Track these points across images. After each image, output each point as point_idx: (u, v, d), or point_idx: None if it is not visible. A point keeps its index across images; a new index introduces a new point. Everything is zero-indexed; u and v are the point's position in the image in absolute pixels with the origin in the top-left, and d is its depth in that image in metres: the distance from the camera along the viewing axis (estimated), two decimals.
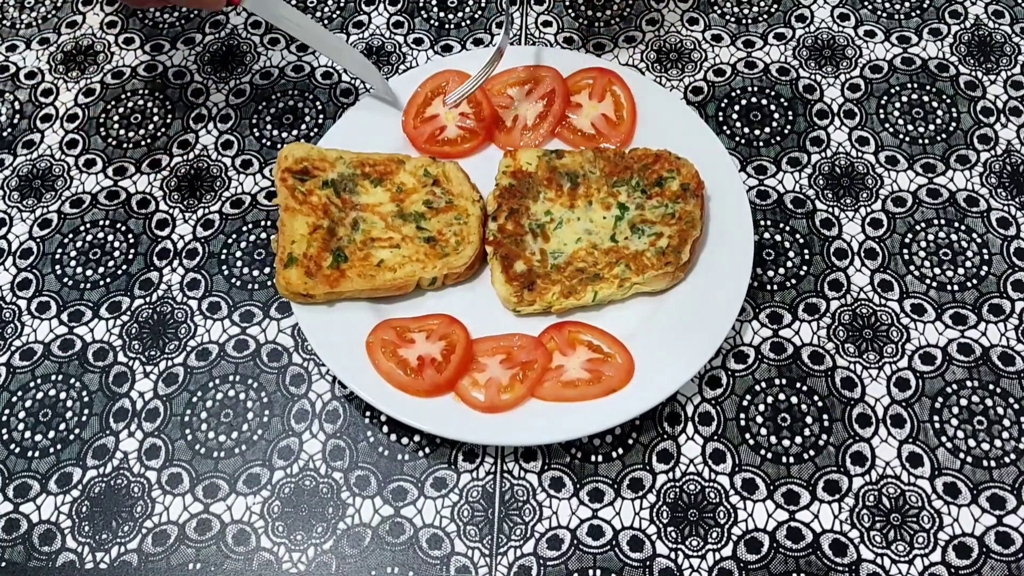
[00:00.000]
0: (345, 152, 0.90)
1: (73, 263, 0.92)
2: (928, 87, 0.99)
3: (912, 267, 0.89)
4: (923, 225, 0.91)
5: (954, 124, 0.97)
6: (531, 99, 0.96)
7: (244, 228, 0.93)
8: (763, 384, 0.83)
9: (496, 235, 0.86)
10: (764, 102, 0.99)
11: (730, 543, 0.77)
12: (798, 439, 0.81)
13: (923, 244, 0.90)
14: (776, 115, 0.98)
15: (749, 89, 1.00)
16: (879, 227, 0.91)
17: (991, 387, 0.82)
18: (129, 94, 1.03)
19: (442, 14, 1.07)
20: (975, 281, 0.88)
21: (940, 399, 0.82)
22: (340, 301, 0.84)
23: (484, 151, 0.93)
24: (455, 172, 0.90)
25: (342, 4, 1.08)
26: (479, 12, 1.07)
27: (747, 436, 0.81)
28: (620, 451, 0.81)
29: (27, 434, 0.83)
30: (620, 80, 0.96)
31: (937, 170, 0.94)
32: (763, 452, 0.80)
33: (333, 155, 0.90)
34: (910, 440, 0.80)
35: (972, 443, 0.80)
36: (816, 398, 0.82)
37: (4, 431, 0.84)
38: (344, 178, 0.89)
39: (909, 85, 0.99)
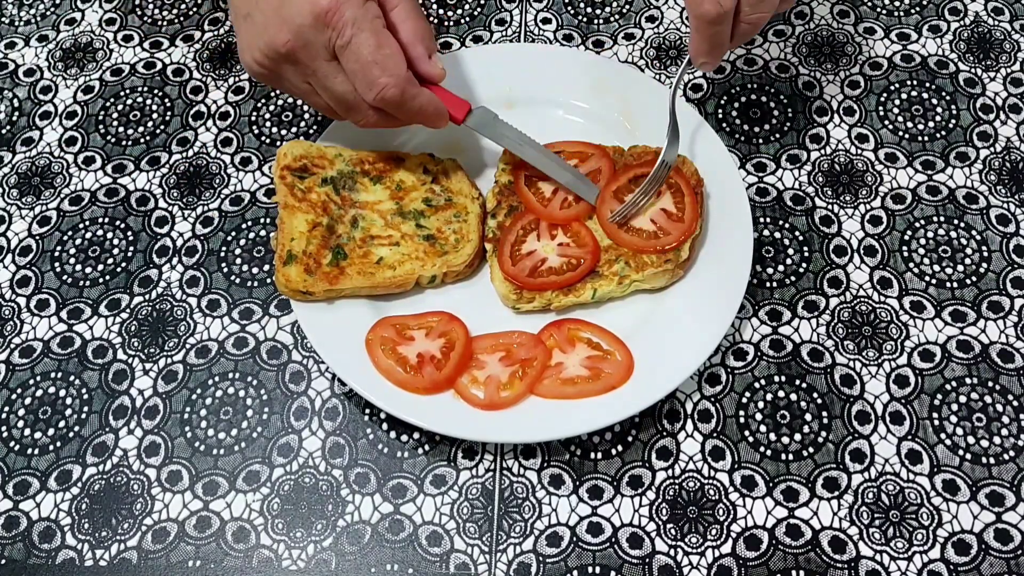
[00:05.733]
0: (344, 150, 0.90)
1: (72, 260, 0.92)
2: (928, 84, 0.99)
3: (911, 264, 0.89)
4: (922, 222, 0.91)
5: (953, 121, 0.97)
6: None
7: (243, 225, 0.93)
8: (762, 381, 0.83)
9: (495, 232, 0.86)
10: (764, 99, 0.99)
11: (729, 540, 0.77)
12: (797, 436, 0.81)
13: (922, 241, 0.90)
14: (776, 112, 0.98)
15: (748, 86, 1.00)
16: (878, 224, 0.91)
17: (990, 384, 0.83)
18: (128, 91, 1.03)
19: (441, 11, 1.07)
20: (974, 278, 0.88)
21: (939, 396, 0.82)
22: (339, 299, 0.84)
23: (483, 149, 0.93)
24: (455, 170, 0.90)
25: None
26: (478, 9, 1.07)
27: (746, 433, 0.81)
28: (619, 448, 0.81)
29: (26, 431, 0.83)
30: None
31: (936, 167, 0.94)
32: (762, 449, 0.80)
33: (332, 152, 0.90)
34: (909, 437, 0.80)
35: (971, 440, 0.80)
36: (815, 395, 0.82)
37: (3, 428, 0.84)
38: (343, 176, 0.88)
39: (909, 82, 0.99)
